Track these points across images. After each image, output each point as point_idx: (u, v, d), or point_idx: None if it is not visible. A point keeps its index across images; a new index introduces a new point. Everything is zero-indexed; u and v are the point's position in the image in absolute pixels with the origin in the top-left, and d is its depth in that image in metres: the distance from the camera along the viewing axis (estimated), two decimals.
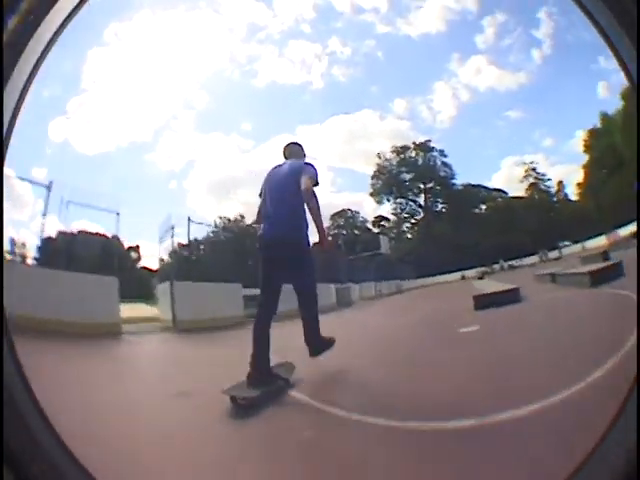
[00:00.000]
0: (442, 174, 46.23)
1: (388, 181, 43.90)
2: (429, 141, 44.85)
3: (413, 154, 44.65)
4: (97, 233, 7.95)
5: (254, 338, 2.62)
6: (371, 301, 17.06)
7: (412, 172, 44.34)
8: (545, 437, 1.73)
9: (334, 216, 38.69)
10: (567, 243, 29.75)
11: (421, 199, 45.65)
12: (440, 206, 47.31)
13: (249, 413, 2.24)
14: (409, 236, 45.27)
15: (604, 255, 7.93)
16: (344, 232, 38.70)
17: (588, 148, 36.05)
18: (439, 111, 36.83)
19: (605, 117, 35.81)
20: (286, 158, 3.15)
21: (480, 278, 16.76)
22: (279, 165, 3.04)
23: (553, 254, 29.69)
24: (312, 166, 2.84)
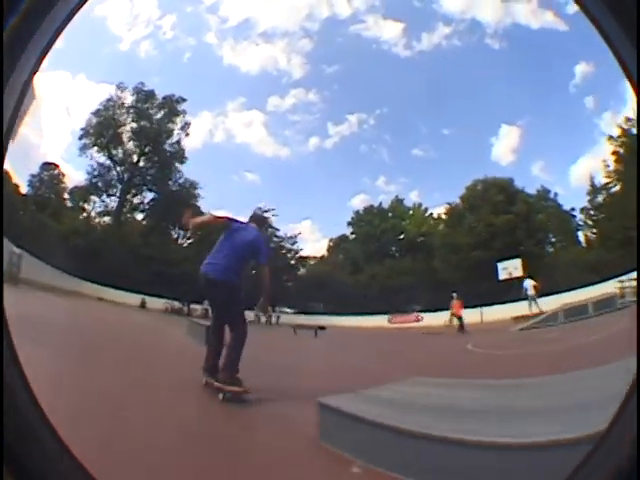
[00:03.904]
0: (170, 151, 33.54)
1: (106, 122, 32.00)
2: (183, 100, 36.92)
3: (154, 106, 32.91)
4: None
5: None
6: None
7: (140, 122, 32.86)
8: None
9: (44, 166, 31.84)
10: (289, 310, 25.84)
11: (128, 173, 33.17)
12: (148, 197, 33.20)
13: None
14: (93, 222, 31.57)
15: None
16: (48, 194, 31.48)
17: (355, 224, 35.15)
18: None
19: (398, 204, 35.19)
20: (251, 220, 3.93)
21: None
22: (244, 225, 3.79)
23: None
24: (268, 249, 3.88)
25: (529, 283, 14.73)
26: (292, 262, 34.87)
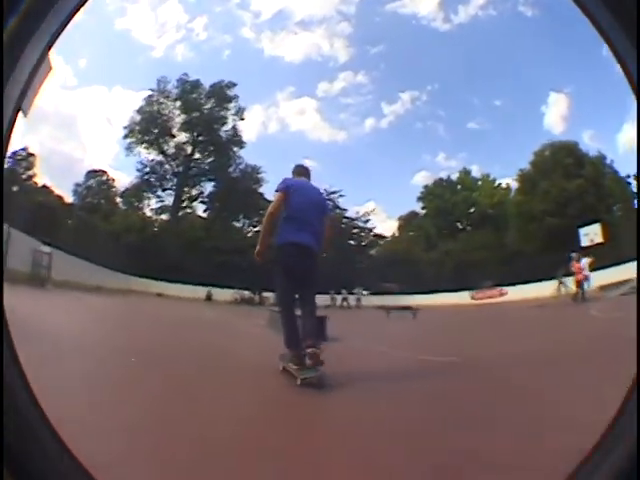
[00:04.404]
0: (226, 137, 31.09)
1: (152, 117, 29.83)
2: (233, 85, 31.28)
3: (202, 95, 30.72)
4: None
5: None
6: None
7: (189, 113, 29.98)
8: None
9: (90, 174, 29.29)
10: (364, 292, 24.60)
11: (183, 166, 30.44)
12: (207, 188, 31.11)
13: None
14: (149, 218, 29.41)
15: None
16: (98, 199, 28.47)
17: (425, 198, 32.98)
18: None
19: (466, 175, 32.98)
20: (301, 175, 3.65)
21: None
22: (305, 183, 3.55)
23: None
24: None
25: (586, 261, 13.99)
26: (365, 242, 32.61)
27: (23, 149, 26.26)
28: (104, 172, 30.90)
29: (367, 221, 32.64)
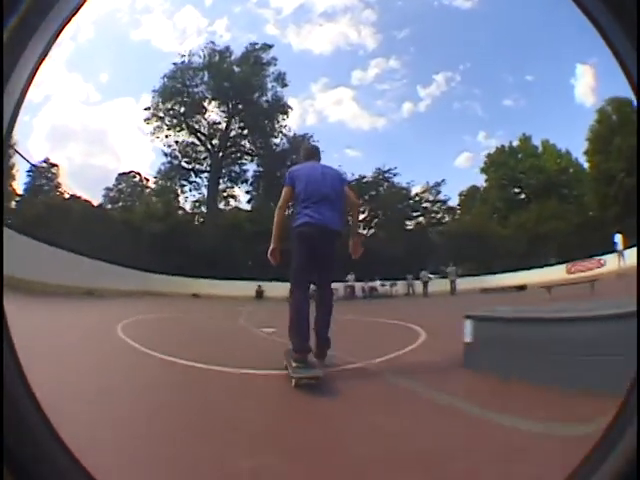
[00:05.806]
0: (266, 105, 27.56)
1: (177, 93, 25.89)
2: (269, 47, 27.12)
3: (233, 62, 26.83)
4: None
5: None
6: None
7: (220, 83, 25.83)
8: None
9: (121, 176, 26.50)
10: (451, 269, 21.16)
11: (216, 140, 26.24)
12: (249, 167, 27.75)
13: None
14: (181, 207, 25.99)
15: None
16: (128, 201, 25.67)
17: (487, 169, 31.08)
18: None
19: (527, 142, 31.23)
20: (309, 158, 3.41)
21: None
22: (312, 165, 3.29)
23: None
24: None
25: (619, 237, 13.98)
26: (438, 216, 30.15)
27: (44, 161, 24.87)
28: (137, 173, 28.73)
29: (438, 193, 29.89)
